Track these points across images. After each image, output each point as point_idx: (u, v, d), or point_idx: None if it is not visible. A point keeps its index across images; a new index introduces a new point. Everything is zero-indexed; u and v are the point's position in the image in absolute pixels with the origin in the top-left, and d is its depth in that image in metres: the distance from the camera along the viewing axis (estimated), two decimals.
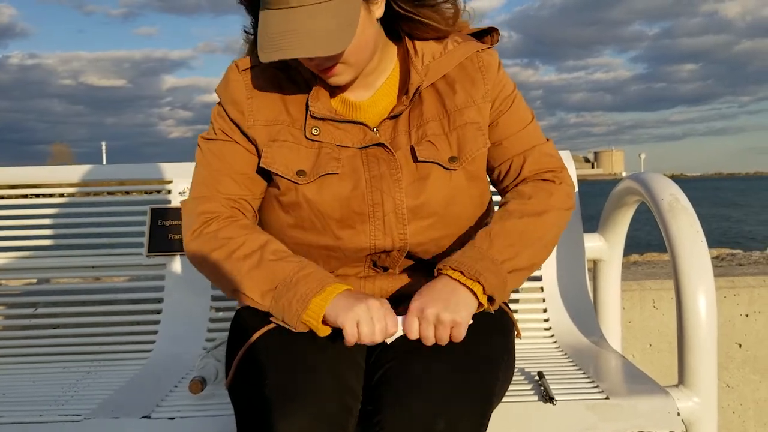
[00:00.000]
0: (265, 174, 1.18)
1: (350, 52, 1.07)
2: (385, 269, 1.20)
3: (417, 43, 1.18)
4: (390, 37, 1.18)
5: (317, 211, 1.13)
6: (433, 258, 1.19)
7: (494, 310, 1.11)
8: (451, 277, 1.07)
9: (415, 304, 1.05)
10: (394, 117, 1.16)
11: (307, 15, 1.02)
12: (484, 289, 1.06)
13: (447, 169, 1.15)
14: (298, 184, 1.13)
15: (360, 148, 1.15)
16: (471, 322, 1.07)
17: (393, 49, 1.19)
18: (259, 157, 1.16)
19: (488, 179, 1.26)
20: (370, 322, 1.02)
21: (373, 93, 1.18)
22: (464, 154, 1.16)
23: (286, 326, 1.07)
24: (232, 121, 1.17)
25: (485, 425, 1.01)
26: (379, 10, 1.10)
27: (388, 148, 1.14)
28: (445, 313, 1.03)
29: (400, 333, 1.06)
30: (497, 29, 1.23)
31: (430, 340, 1.05)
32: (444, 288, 1.06)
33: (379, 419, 1.00)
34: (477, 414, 1.00)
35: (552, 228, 1.17)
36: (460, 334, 1.05)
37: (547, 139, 1.25)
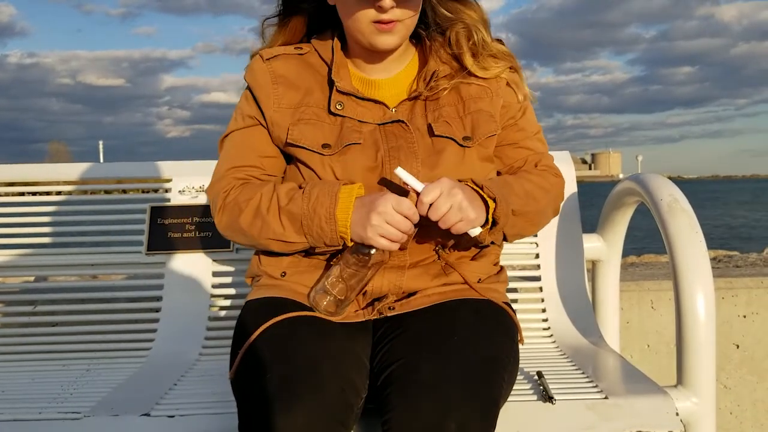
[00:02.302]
0: (285, 157, 1.26)
1: (412, 14, 1.16)
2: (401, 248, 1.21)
3: (434, 44, 1.26)
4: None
5: (342, 178, 1.19)
6: (438, 247, 1.23)
7: (487, 242, 1.19)
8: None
9: (445, 181, 1.11)
10: (412, 99, 1.23)
11: None
12: (495, 210, 1.14)
13: (461, 145, 1.21)
14: (323, 155, 1.20)
15: (379, 124, 1.22)
16: (473, 237, 1.14)
17: (411, 47, 1.29)
18: (287, 139, 1.21)
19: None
20: (390, 229, 1.09)
21: (392, 76, 1.26)
22: (477, 135, 1.23)
23: (331, 249, 1.16)
24: (257, 105, 1.25)
25: (494, 426, 1.02)
26: None
27: (406, 124, 1.21)
28: (467, 203, 1.11)
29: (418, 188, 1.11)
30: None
31: (439, 214, 1.10)
32: (469, 190, 1.14)
33: (388, 419, 1.00)
34: (486, 415, 1.01)
35: (549, 206, 1.27)
36: (462, 229, 1.12)
37: None
